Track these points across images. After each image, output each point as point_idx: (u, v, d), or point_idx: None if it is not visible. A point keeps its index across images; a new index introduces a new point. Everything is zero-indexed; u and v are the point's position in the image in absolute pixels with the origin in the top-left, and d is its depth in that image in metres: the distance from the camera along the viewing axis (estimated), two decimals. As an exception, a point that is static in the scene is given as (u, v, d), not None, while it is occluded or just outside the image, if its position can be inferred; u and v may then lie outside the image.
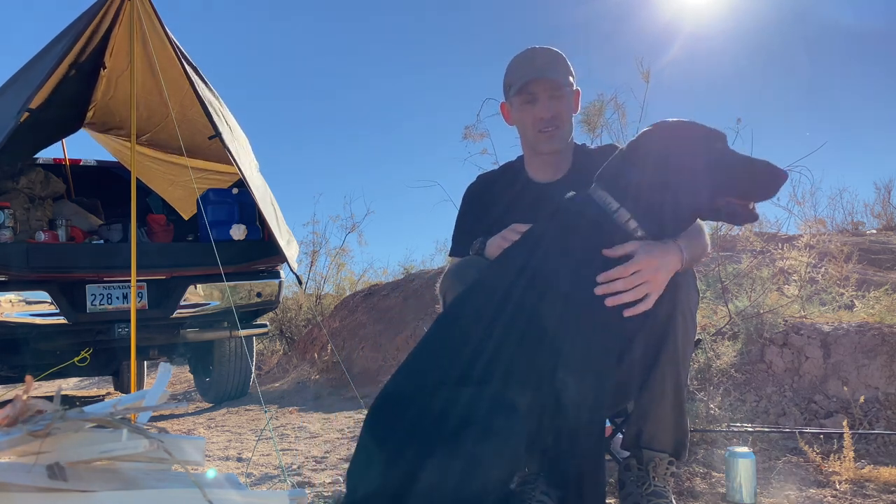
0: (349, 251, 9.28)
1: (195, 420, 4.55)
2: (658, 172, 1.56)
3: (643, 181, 1.57)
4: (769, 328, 3.26)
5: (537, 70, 1.93)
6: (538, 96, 1.94)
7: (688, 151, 1.56)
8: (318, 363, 6.18)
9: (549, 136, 1.97)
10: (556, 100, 1.95)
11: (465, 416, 1.37)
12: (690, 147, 1.57)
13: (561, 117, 1.96)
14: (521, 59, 2.00)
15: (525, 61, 1.98)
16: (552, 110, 1.94)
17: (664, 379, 1.75)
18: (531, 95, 1.95)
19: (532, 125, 1.97)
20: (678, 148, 1.57)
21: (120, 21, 4.01)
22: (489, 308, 1.56)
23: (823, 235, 4.51)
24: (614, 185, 1.62)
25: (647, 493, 1.80)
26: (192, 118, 4.47)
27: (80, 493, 0.95)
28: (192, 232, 5.19)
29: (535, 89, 1.94)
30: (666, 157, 1.56)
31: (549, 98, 1.94)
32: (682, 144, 1.57)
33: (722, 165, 1.55)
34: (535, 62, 1.96)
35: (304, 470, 2.75)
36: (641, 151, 1.60)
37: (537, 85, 1.93)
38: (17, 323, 4.05)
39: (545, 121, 1.95)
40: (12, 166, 4.66)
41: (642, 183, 1.57)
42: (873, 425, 2.73)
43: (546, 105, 1.94)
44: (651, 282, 1.55)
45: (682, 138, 1.58)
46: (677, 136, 1.59)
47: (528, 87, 1.93)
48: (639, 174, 1.58)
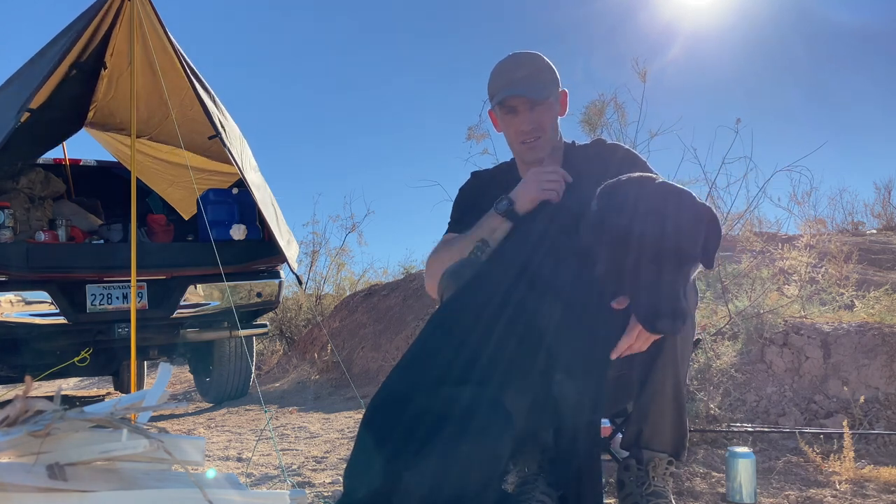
0: (349, 251, 9.29)
1: (195, 420, 4.55)
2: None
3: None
4: (769, 328, 3.26)
5: (515, 84, 1.91)
6: (518, 108, 1.93)
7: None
8: (318, 363, 6.18)
9: (531, 147, 1.96)
10: (537, 110, 1.93)
11: (460, 416, 1.37)
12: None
13: (542, 127, 1.95)
14: (501, 68, 1.97)
15: (505, 72, 1.95)
16: (532, 122, 1.93)
17: (664, 379, 1.75)
18: (511, 108, 1.93)
19: (514, 136, 1.97)
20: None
21: (120, 21, 4.01)
22: (485, 307, 1.56)
23: (823, 235, 4.52)
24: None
25: (646, 493, 1.80)
26: (192, 118, 4.47)
27: (80, 493, 0.95)
28: (192, 232, 5.19)
29: (513, 102, 1.92)
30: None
31: (530, 110, 1.92)
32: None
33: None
34: (515, 74, 1.93)
35: (304, 470, 2.75)
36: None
37: (516, 99, 1.92)
38: (17, 323, 4.05)
39: (525, 133, 1.94)
40: (12, 166, 4.66)
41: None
42: (873, 425, 2.73)
43: (526, 117, 1.92)
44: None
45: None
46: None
47: (507, 101, 1.92)
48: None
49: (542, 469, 1.81)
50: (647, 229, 1.42)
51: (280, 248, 4.53)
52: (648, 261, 1.41)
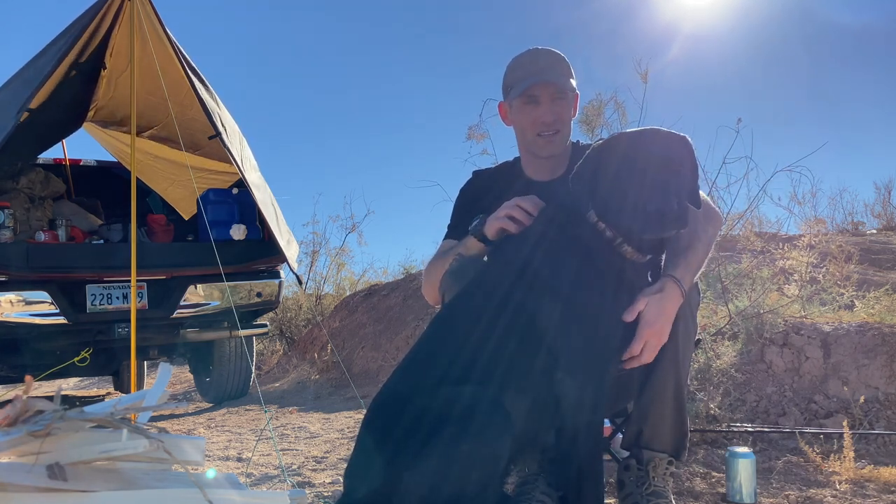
0: (349, 251, 9.28)
1: (195, 420, 4.55)
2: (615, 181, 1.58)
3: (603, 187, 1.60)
4: (769, 328, 3.26)
5: (540, 72, 1.90)
6: (540, 99, 1.91)
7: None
8: (318, 363, 6.18)
9: (548, 141, 1.94)
10: (559, 103, 1.92)
11: (460, 416, 1.37)
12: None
13: (562, 121, 1.94)
14: (522, 59, 1.97)
15: (527, 63, 1.95)
16: (554, 114, 1.92)
17: (664, 379, 1.75)
18: (533, 98, 1.92)
19: (532, 128, 1.94)
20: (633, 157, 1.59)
21: (120, 21, 4.01)
22: (485, 307, 1.56)
23: (824, 235, 4.51)
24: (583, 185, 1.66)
25: (646, 493, 1.80)
26: (192, 118, 4.47)
27: (80, 493, 0.95)
28: (192, 232, 5.19)
29: (537, 92, 1.91)
30: (620, 167, 1.58)
31: (552, 101, 1.91)
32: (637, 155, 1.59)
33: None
34: (537, 64, 1.93)
35: (304, 470, 2.75)
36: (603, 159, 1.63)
37: (540, 88, 1.91)
38: (17, 323, 4.05)
39: (546, 124, 1.92)
40: (12, 166, 4.66)
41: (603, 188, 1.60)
42: (873, 425, 2.73)
43: (548, 108, 1.91)
44: (658, 340, 1.62)
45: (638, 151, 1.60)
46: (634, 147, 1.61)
47: (530, 90, 1.91)
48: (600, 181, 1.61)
49: (542, 469, 1.81)
50: (637, 152, 1.58)
51: (280, 248, 4.53)
52: (644, 175, 1.54)
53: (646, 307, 1.60)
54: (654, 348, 1.62)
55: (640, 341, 1.60)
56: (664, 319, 1.61)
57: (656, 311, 1.60)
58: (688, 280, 1.68)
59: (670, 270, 1.67)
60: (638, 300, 1.61)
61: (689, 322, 1.76)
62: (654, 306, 1.61)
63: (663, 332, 1.62)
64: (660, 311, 1.61)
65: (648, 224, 1.53)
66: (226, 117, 4.39)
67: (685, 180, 1.61)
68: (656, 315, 1.60)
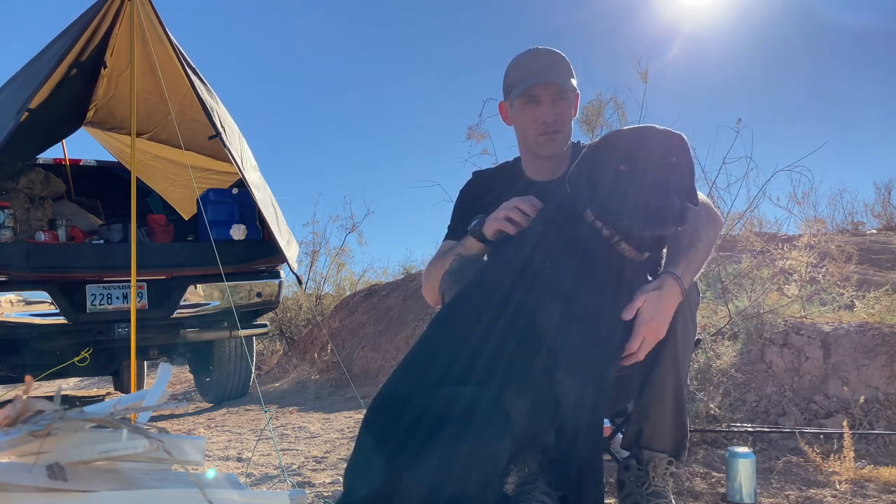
0: (349, 251, 9.28)
1: (195, 420, 4.55)
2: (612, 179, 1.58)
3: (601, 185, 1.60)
4: (769, 328, 3.26)
5: (541, 72, 1.90)
6: (541, 99, 1.91)
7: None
8: (318, 363, 6.18)
9: (550, 140, 1.95)
10: (559, 103, 1.93)
11: (460, 416, 1.37)
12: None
13: (562, 121, 1.94)
14: (523, 59, 1.97)
15: (528, 62, 1.95)
16: (555, 114, 1.92)
17: (664, 379, 1.75)
18: (533, 98, 1.92)
19: (533, 127, 1.95)
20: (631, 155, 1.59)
21: (120, 21, 4.01)
22: (485, 307, 1.56)
23: (824, 235, 4.51)
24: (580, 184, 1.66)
25: (646, 493, 1.80)
26: (192, 118, 4.47)
27: (80, 493, 0.95)
28: (192, 232, 5.19)
29: (537, 92, 1.91)
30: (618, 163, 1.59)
31: (553, 101, 1.91)
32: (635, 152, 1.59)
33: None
34: (538, 63, 1.93)
35: (304, 470, 2.75)
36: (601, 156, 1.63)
37: (540, 88, 1.91)
38: (17, 323, 4.05)
39: (547, 124, 1.92)
40: (12, 166, 4.66)
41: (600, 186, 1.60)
42: (873, 425, 2.73)
43: (549, 108, 1.91)
44: (654, 337, 1.61)
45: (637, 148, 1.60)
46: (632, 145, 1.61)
47: (531, 90, 1.91)
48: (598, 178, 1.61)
49: (542, 469, 1.81)
50: (637, 150, 1.58)
51: (280, 248, 4.53)
52: (645, 172, 1.55)
53: (644, 304, 1.60)
54: (650, 345, 1.61)
55: (638, 338, 1.59)
56: (661, 316, 1.60)
57: (654, 308, 1.60)
58: (688, 278, 1.67)
59: (671, 267, 1.67)
60: (637, 297, 1.61)
61: (688, 321, 1.76)
62: (653, 303, 1.60)
63: (660, 328, 1.61)
64: (657, 308, 1.60)
65: (650, 221, 1.53)
66: (225, 117, 4.39)
67: (684, 177, 1.61)
68: (654, 311, 1.60)
